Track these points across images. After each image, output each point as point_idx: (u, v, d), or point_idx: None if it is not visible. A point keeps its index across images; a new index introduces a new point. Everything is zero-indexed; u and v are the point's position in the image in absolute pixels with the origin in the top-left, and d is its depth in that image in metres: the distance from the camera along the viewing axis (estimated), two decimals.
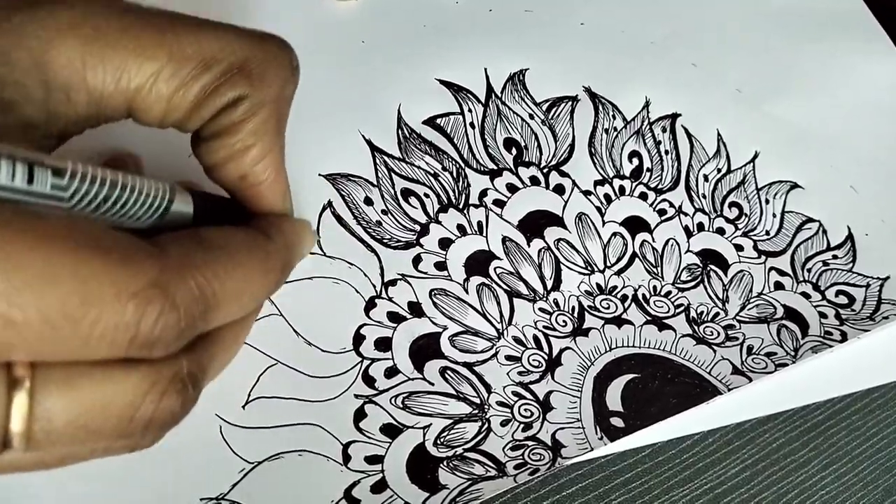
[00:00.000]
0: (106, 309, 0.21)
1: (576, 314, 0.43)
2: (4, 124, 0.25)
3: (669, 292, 0.45)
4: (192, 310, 0.24)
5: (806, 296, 0.47)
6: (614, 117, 0.49)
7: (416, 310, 0.41)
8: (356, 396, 0.38)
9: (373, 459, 0.37)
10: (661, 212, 0.47)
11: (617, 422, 0.40)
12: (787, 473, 0.42)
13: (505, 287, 0.43)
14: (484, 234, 0.44)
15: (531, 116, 0.48)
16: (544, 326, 0.42)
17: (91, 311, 0.21)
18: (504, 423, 0.39)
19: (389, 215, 0.43)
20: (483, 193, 0.45)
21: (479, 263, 0.43)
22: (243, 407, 0.37)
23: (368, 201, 0.43)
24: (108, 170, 0.25)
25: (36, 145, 0.26)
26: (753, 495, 0.41)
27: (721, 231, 0.48)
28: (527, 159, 0.47)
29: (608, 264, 0.45)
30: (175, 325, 0.23)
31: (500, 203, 0.45)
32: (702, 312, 0.45)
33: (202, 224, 0.29)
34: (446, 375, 0.40)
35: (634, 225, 0.46)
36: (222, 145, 0.30)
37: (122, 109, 0.28)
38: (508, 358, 0.41)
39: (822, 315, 0.46)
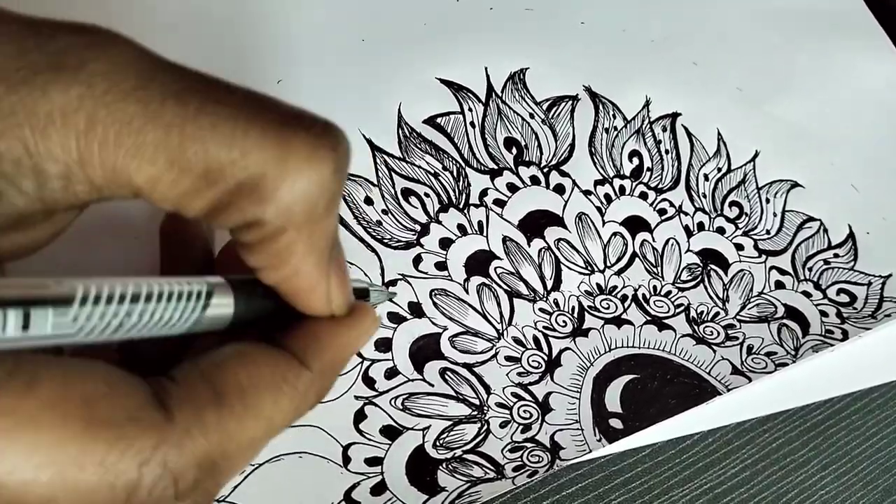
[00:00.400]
0: (97, 486, 0.21)
1: (576, 314, 0.43)
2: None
3: (669, 292, 0.45)
4: (194, 475, 0.23)
5: (807, 294, 0.47)
6: (614, 116, 0.49)
7: (416, 310, 0.41)
8: (356, 398, 0.38)
9: (372, 461, 0.37)
10: (662, 211, 0.47)
11: (616, 423, 0.40)
12: (787, 473, 0.42)
13: (505, 287, 0.43)
14: (484, 233, 0.44)
15: (531, 116, 0.48)
16: (544, 327, 0.42)
17: (80, 489, 0.21)
18: (503, 425, 0.39)
19: (390, 215, 0.43)
20: (483, 193, 0.45)
21: (479, 263, 0.43)
22: None
23: (368, 201, 0.43)
24: (130, 282, 0.23)
25: (35, 230, 0.24)
26: (753, 495, 0.41)
27: (721, 230, 0.48)
28: (527, 159, 0.47)
29: (608, 264, 0.45)
30: (175, 493, 0.23)
31: (500, 203, 0.45)
32: (702, 312, 0.45)
33: (242, 323, 0.26)
34: (446, 376, 0.40)
35: (635, 224, 0.46)
36: (249, 255, 0.26)
37: (129, 197, 0.24)
38: (508, 359, 0.41)
39: (824, 314, 0.46)
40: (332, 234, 0.26)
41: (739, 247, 0.47)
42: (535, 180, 0.46)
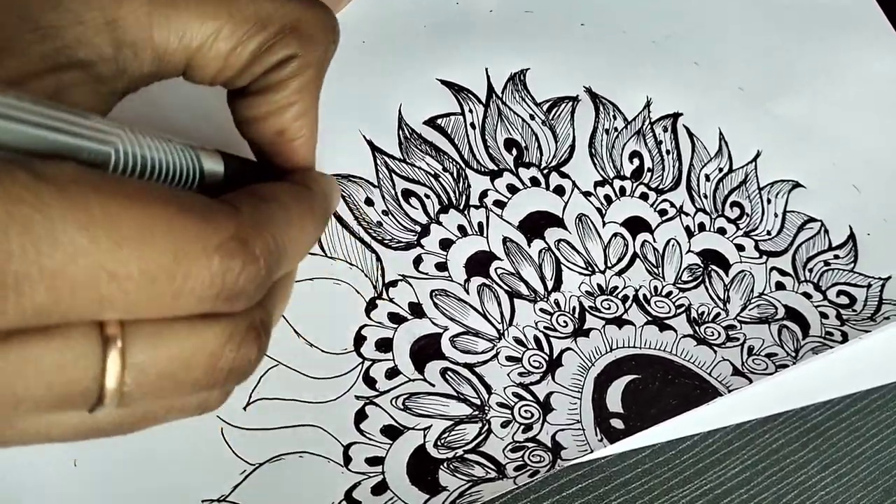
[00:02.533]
0: (196, 264, 0.22)
1: (576, 315, 0.43)
2: (80, 81, 0.27)
3: (670, 293, 0.45)
4: (269, 260, 0.25)
5: (807, 296, 0.47)
6: (615, 117, 0.49)
7: (416, 310, 0.41)
8: (357, 398, 0.38)
9: (373, 461, 0.37)
10: (662, 212, 0.47)
11: (617, 423, 0.40)
12: (787, 474, 0.42)
13: (506, 288, 0.43)
14: (484, 234, 0.44)
15: (532, 117, 0.48)
16: (545, 327, 0.42)
17: (183, 266, 0.22)
18: (504, 425, 0.39)
19: (390, 216, 0.43)
20: (483, 194, 0.45)
21: (479, 264, 0.43)
22: (244, 408, 0.37)
23: (369, 202, 0.43)
24: (145, 136, 0.26)
25: (102, 101, 0.28)
26: (753, 496, 0.41)
27: (722, 231, 0.48)
28: (527, 160, 0.47)
29: (609, 265, 0.45)
30: (256, 277, 0.24)
31: (500, 204, 0.45)
32: (703, 313, 0.45)
33: (233, 185, 0.29)
34: (447, 376, 0.40)
35: (635, 225, 0.46)
36: (266, 101, 0.32)
37: (180, 66, 0.30)
38: (509, 359, 0.41)
39: (824, 315, 0.46)
40: (321, 86, 0.34)
41: (740, 247, 0.47)
42: (535, 181, 0.46)
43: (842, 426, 0.44)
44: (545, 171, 0.47)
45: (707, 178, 0.49)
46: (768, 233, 0.48)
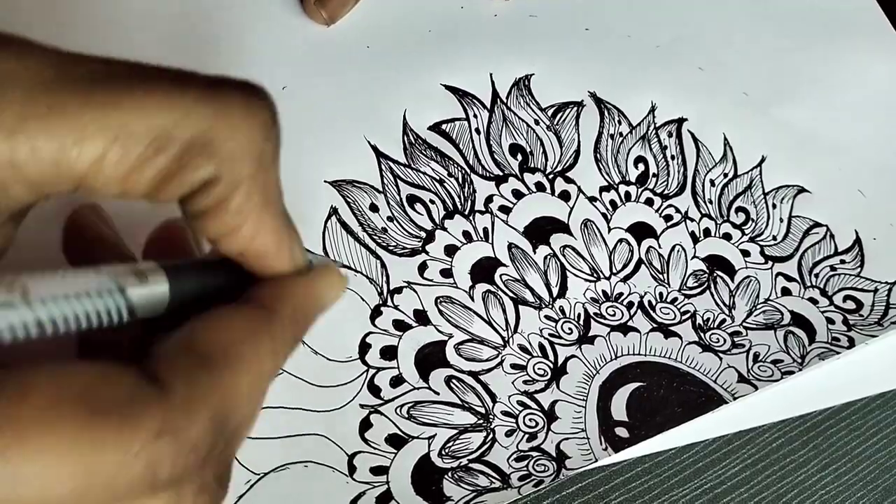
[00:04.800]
0: (117, 474, 0.21)
1: (581, 322, 0.43)
2: None
3: (676, 299, 0.45)
4: (211, 438, 0.23)
5: (813, 301, 0.46)
6: (620, 122, 0.49)
7: (421, 318, 0.41)
8: (362, 406, 0.38)
9: (378, 470, 0.37)
10: (668, 217, 0.47)
11: (622, 432, 0.40)
12: (787, 473, 0.42)
13: (511, 294, 0.43)
14: (490, 240, 0.44)
15: (536, 122, 0.48)
16: (550, 334, 0.42)
17: (100, 480, 0.20)
18: (509, 434, 0.39)
19: (395, 222, 0.43)
20: (489, 200, 0.45)
21: (484, 270, 0.43)
22: None
23: (374, 208, 0.43)
24: (47, 286, 0.22)
25: None
26: (753, 495, 0.41)
27: (728, 236, 0.47)
28: (532, 165, 0.47)
29: (614, 271, 0.45)
30: (194, 461, 0.23)
31: (505, 209, 0.45)
32: (708, 319, 0.44)
33: (184, 297, 0.26)
34: (451, 384, 0.40)
35: (640, 231, 0.46)
36: (206, 225, 0.26)
37: (69, 189, 0.24)
38: (514, 366, 0.41)
39: (830, 321, 0.46)
40: (280, 189, 0.27)
41: (746, 253, 0.47)
42: (540, 187, 0.46)
43: (841, 425, 0.44)
44: (550, 177, 0.47)
45: (712, 183, 0.49)
46: (774, 238, 0.48)
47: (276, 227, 0.27)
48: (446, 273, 0.43)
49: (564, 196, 0.46)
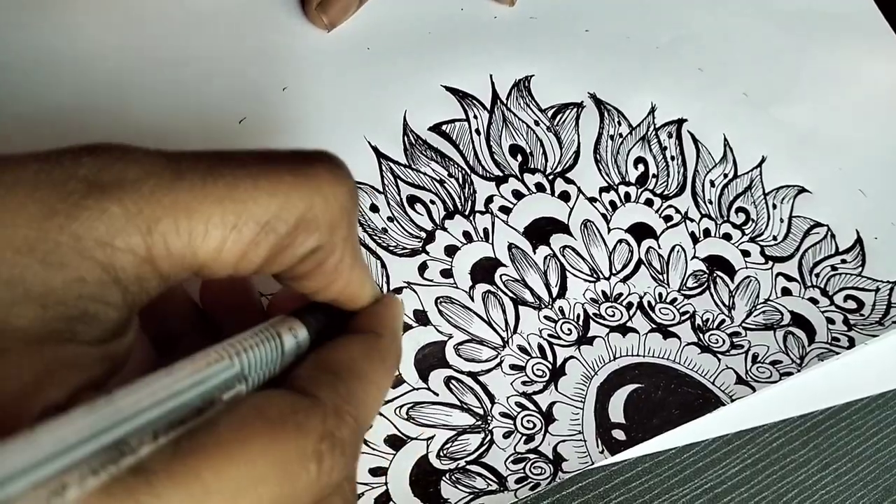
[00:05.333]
0: (298, 474, 0.25)
1: (581, 322, 0.43)
2: (90, 337, 0.24)
3: (675, 299, 0.45)
4: (355, 439, 0.27)
5: (814, 301, 0.46)
6: (620, 123, 0.49)
7: (421, 318, 0.41)
8: None
9: (377, 471, 0.37)
10: (667, 218, 0.47)
11: (619, 434, 0.40)
12: (787, 473, 0.42)
13: (510, 294, 0.43)
14: (490, 241, 0.44)
15: (536, 123, 0.48)
16: (549, 335, 0.42)
17: (288, 483, 0.24)
18: (506, 435, 0.39)
19: (395, 222, 0.43)
20: (489, 200, 0.45)
21: (484, 271, 0.43)
22: None
23: (374, 208, 0.43)
24: (227, 348, 0.27)
25: (126, 336, 0.26)
26: (753, 495, 0.41)
27: (728, 237, 0.47)
28: (532, 166, 0.47)
29: (614, 271, 0.45)
30: (348, 461, 0.27)
31: (505, 210, 0.45)
32: (707, 320, 0.44)
33: (318, 336, 0.31)
34: (451, 385, 0.40)
35: (640, 231, 0.46)
36: (304, 285, 0.30)
37: (191, 275, 0.27)
38: (513, 367, 0.41)
39: (830, 321, 0.46)
40: (358, 236, 0.31)
41: (746, 253, 0.47)
42: (540, 187, 0.46)
43: (842, 425, 0.44)
44: (550, 177, 0.47)
45: (712, 183, 0.49)
46: (774, 238, 0.48)
47: (363, 270, 0.32)
48: (446, 273, 0.43)
49: (564, 197, 0.46)
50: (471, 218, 0.45)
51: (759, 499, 0.41)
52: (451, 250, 0.43)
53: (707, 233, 0.47)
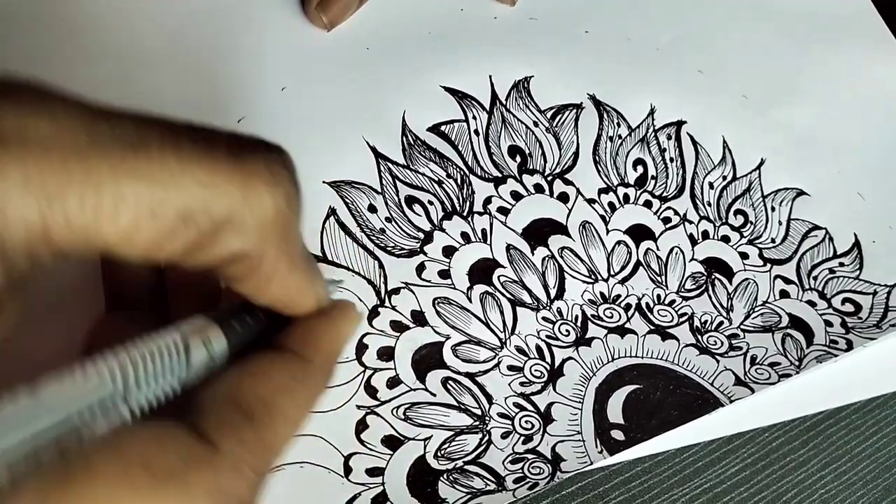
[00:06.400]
0: None
1: (579, 323, 0.43)
2: None
3: (673, 301, 0.45)
4: (252, 494, 0.25)
5: (812, 304, 0.46)
6: (619, 125, 0.49)
7: (419, 319, 0.41)
8: (358, 407, 0.38)
9: (374, 472, 0.37)
10: (666, 220, 0.47)
11: (618, 434, 0.40)
12: (787, 472, 0.42)
13: (508, 296, 0.43)
14: (488, 241, 0.44)
15: (535, 124, 0.48)
16: (547, 336, 0.42)
17: None
18: (504, 436, 0.39)
19: (393, 223, 0.43)
20: (487, 201, 0.45)
21: (482, 272, 0.43)
22: None
23: (372, 209, 0.43)
24: (111, 358, 0.23)
25: (6, 313, 0.23)
26: (753, 494, 0.41)
27: (726, 239, 0.47)
28: (531, 167, 0.47)
29: (612, 273, 0.45)
30: None
31: (504, 211, 0.45)
32: (706, 321, 0.44)
33: (243, 346, 0.28)
34: (448, 386, 0.40)
35: (639, 233, 0.46)
36: (235, 286, 0.27)
37: (95, 255, 0.23)
38: (510, 368, 0.41)
39: (828, 323, 0.46)
40: (302, 241, 0.28)
41: (744, 255, 0.47)
42: (538, 188, 0.46)
43: (841, 424, 0.44)
44: (549, 178, 0.47)
45: (711, 185, 0.49)
46: (772, 241, 0.48)
47: (301, 279, 0.28)
48: (444, 274, 0.43)
49: (563, 198, 0.46)
50: (469, 219, 0.44)
51: (759, 498, 0.41)
52: (448, 251, 0.43)
53: (705, 235, 0.47)
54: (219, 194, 0.23)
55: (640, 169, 0.48)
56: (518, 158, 0.47)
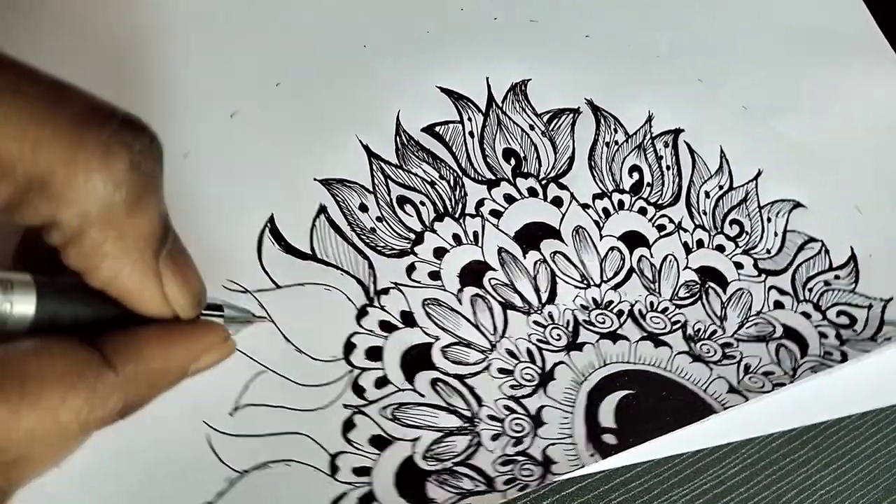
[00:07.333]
0: None
1: (570, 328, 0.43)
2: None
3: (666, 308, 0.44)
4: None
5: (806, 315, 0.46)
6: (616, 131, 0.49)
7: (408, 319, 0.41)
8: (345, 406, 0.38)
9: (361, 471, 0.36)
10: (661, 227, 0.47)
11: (609, 438, 0.39)
12: (787, 473, 0.42)
13: (499, 299, 0.42)
14: (479, 244, 0.44)
15: (531, 127, 0.48)
16: (538, 340, 0.42)
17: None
18: (495, 438, 0.38)
19: (384, 222, 0.43)
20: (480, 203, 0.45)
21: (473, 274, 0.43)
22: (231, 414, 0.36)
23: (363, 208, 0.43)
24: None
25: None
26: (753, 495, 0.41)
27: (721, 248, 0.47)
28: (525, 170, 0.46)
29: (605, 278, 0.44)
30: None
31: (496, 213, 0.45)
32: (699, 330, 0.44)
33: (59, 325, 0.26)
34: (437, 387, 0.39)
35: (632, 240, 0.46)
36: (63, 257, 0.25)
37: None
38: (501, 371, 0.40)
39: (823, 335, 0.45)
40: (149, 234, 0.26)
41: (739, 265, 0.47)
42: (532, 192, 0.46)
43: (841, 424, 0.44)
44: (543, 182, 0.46)
45: (707, 195, 0.49)
46: (768, 251, 0.48)
47: (141, 272, 0.26)
48: (434, 275, 0.42)
49: (557, 202, 0.46)
50: (461, 221, 0.44)
51: (759, 499, 0.41)
52: (439, 252, 0.43)
53: (700, 243, 0.47)
54: (37, 151, 0.22)
55: (635, 175, 0.48)
56: (512, 161, 0.47)
